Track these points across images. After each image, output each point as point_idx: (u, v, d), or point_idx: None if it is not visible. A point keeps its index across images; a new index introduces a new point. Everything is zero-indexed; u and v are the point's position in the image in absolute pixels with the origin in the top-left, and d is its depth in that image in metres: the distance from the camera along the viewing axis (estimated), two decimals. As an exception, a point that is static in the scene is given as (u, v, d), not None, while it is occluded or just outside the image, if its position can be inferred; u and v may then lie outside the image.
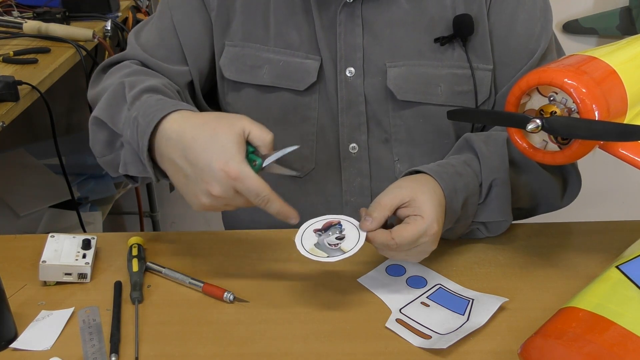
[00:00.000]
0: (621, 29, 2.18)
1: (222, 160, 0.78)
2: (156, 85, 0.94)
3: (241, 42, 1.04)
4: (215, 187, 0.79)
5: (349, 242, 0.78)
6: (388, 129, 1.04)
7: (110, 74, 1.03)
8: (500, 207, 0.94)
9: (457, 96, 1.02)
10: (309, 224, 0.84)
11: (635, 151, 0.76)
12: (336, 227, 0.81)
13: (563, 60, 0.79)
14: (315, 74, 1.01)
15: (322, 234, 0.80)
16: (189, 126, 0.82)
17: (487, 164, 0.93)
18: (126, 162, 0.91)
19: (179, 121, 0.83)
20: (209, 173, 0.78)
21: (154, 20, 1.08)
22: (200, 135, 0.80)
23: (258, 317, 0.84)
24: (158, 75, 1.01)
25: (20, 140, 1.99)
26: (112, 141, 0.93)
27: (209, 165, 0.78)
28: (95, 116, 0.93)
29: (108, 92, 0.94)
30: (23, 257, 0.95)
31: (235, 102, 1.07)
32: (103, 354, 0.78)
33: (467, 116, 0.91)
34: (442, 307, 0.84)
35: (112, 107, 0.92)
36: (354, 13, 1.00)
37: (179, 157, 0.81)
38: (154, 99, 0.89)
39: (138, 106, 0.88)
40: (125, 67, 1.02)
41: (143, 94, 0.91)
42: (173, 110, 0.85)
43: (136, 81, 0.94)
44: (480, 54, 1.01)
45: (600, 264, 0.89)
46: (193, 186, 0.81)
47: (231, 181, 0.78)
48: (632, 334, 0.66)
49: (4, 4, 1.73)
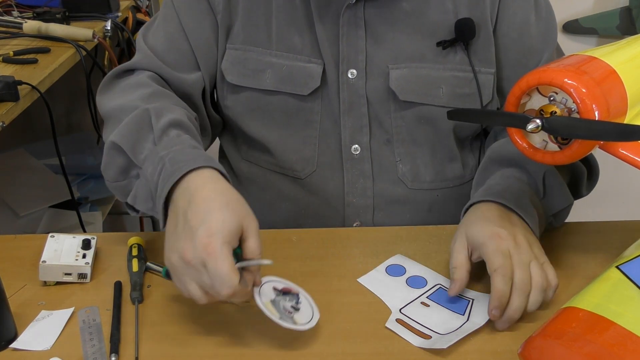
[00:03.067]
0: (621, 29, 2.18)
1: (208, 231, 0.73)
2: (181, 119, 0.90)
3: (243, 46, 1.03)
4: (189, 251, 0.74)
5: (302, 317, 0.78)
6: (390, 130, 1.04)
7: (127, 87, 1.00)
8: (561, 195, 0.94)
9: (459, 98, 1.02)
10: (269, 279, 0.81)
11: (635, 151, 0.76)
12: (293, 297, 0.80)
13: (563, 60, 0.79)
14: (318, 78, 1.01)
15: (279, 295, 0.80)
16: (209, 189, 0.78)
17: (528, 161, 0.91)
18: (137, 196, 0.88)
19: (204, 179, 0.79)
20: (192, 234, 0.74)
21: (160, 22, 1.06)
22: (212, 201, 0.76)
23: (258, 317, 0.84)
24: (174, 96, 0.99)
25: (20, 140, 1.99)
26: (128, 169, 0.89)
27: (196, 229, 0.74)
28: (114, 142, 0.88)
29: (130, 117, 0.90)
30: (23, 257, 0.95)
31: (234, 105, 1.06)
32: (103, 354, 0.78)
33: (467, 116, 0.91)
34: (442, 307, 0.84)
35: (134, 135, 0.88)
36: (357, 15, 1.00)
37: (181, 207, 0.78)
38: (186, 143, 0.85)
39: (166, 143, 0.85)
40: (144, 86, 0.98)
41: (171, 129, 0.87)
42: (203, 166, 0.81)
43: (161, 110, 0.90)
44: (482, 57, 1.02)
45: (600, 264, 0.89)
46: (174, 241, 0.76)
47: (204, 254, 0.72)
48: (632, 334, 0.66)
49: (4, 4, 1.73)
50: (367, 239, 0.99)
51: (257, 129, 1.06)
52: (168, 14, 1.05)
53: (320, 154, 1.05)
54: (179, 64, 1.03)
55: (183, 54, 1.04)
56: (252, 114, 1.05)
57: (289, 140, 1.05)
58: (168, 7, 1.06)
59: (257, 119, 1.05)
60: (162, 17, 1.06)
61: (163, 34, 1.04)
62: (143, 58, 1.03)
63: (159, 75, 1.02)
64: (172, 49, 1.03)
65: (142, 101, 0.93)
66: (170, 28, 1.04)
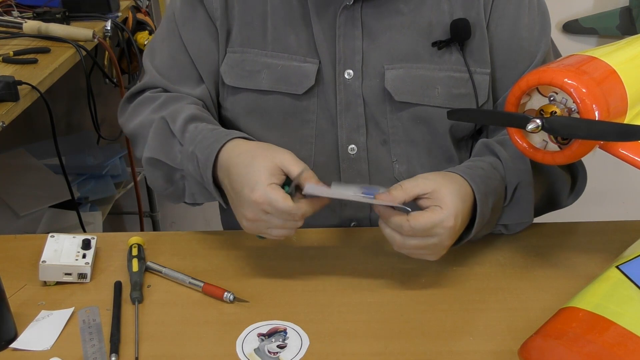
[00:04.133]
0: (621, 29, 2.18)
1: (249, 186, 0.83)
2: (194, 112, 0.98)
3: (240, 48, 1.04)
4: (247, 211, 0.84)
5: (289, 353, 0.78)
6: (386, 130, 1.04)
7: (137, 107, 1.06)
8: (523, 209, 0.94)
9: (455, 99, 1.02)
10: (254, 326, 0.83)
11: (635, 151, 0.76)
12: (280, 334, 0.81)
13: (563, 60, 0.79)
14: (313, 77, 1.02)
15: (264, 339, 0.80)
16: (235, 154, 0.88)
17: (510, 168, 0.93)
18: (193, 193, 0.97)
19: (229, 151, 0.89)
20: (242, 198, 0.84)
21: (165, 39, 1.08)
22: (240, 162, 0.86)
23: (258, 317, 0.84)
24: (184, 97, 1.04)
25: (20, 140, 1.99)
26: (171, 175, 0.98)
27: (241, 191, 0.84)
28: (149, 157, 0.97)
29: (152, 130, 0.98)
30: (23, 257, 0.95)
31: (233, 107, 1.07)
32: (103, 354, 0.78)
33: (467, 116, 0.91)
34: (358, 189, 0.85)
35: (163, 144, 0.97)
36: (354, 16, 1.00)
37: (227, 183, 0.88)
38: (205, 130, 0.94)
39: (190, 139, 0.93)
40: (153, 100, 1.04)
41: (188, 125, 0.95)
42: (226, 140, 0.90)
43: (173, 113, 0.98)
44: (478, 58, 1.02)
45: (600, 264, 0.89)
46: (236, 211, 0.88)
47: (258, 205, 0.82)
48: (632, 334, 0.66)
49: (4, 4, 1.73)
50: (367, 239, 0.99)
51: (255, 130, 1.06)
52: (171, 28, 1.07)
53: (317, 153, 1.05)
54: (183, 79, 1.06)
55: (186, 69, 1.06)
56: (250, 115, 1.06)
57: (286, 140, 1.05)
58: (170, 20, 1.08)
59: (255, 119, 1.06)
60: (165, 32, 1.08)
61: (167, 52, 1.08)
62: (149, 79, 1.08)
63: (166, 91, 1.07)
64: (175, 66, 1.07)
65: (156, 112, 1.01)
66: (173, 43, 1.07)
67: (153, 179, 1.00)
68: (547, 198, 1.00)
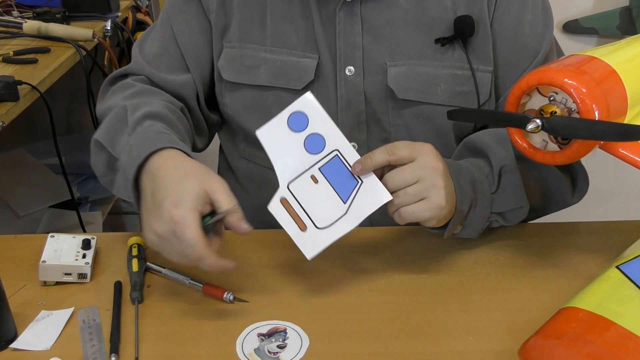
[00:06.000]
0: (621, 29, 2.18)
1: (173, 201, 0.78)
2: (158, 110, 0.94)
3: (239, 43, 1.04)
4: (159, 225, 0.79)
5: (289, 353, 0.78)
6: (387, 128, 1.04)
7: (115, 91, 1.04)
8: (514, 194, 0.93)
9: (457, 96, 1.02)
10: (254, 326, 0.83)
11: (635, 151, 0.77)
12: (280, 334, 0.81)
13: (563, 60, 0.79)
14: (312, 72, 1.01)
15: (264, 339, 0.80)
16: (169, 165, 0.83)
17: (493, 154, 0.93)
18: (119, 187, 0.92)
19: (164, 158, 0.84)
20: (159, 210, 0.79)
21: (158, 29, 1.09)
22: (171, 175, 0.81)
23: (258, 317, 0.84)
24: (161, 93, 1.03)
25: (20, 140, 1.99)
26: (112, 163, 0.93)
27: (162, 202, 0.79)
28: (95, 138, 0.95)
29: (110, 114, 0.96)
30: (23, 257, 0.95)
31: (232, 102, 1.07)
32: (103, 354, 0.78)
33: (467, 116, 0.91)
34: (329, 184, 0.84)
35: (112, 130, 0.93)
36: (353, 11, 1.00)
37: (149, 189, 0.83)
38: (155, 129, 0.90)
39: (138, 134, 0.89)
40: (130, 87, 1.03)
41: (145, 120, 0.92)
42: (165, 147, 0.85)
43: (139, 104, 0.95)
44: (481, 55, 1.02)
45: (600, 264, 0.89)
46: (147, 219, 0.82)
47: (174, 224, 0.77)
48: (632, 334, 0.66)
49: (4, 4, 1.73)
50: (366, 238, 0.99)
51: (254, 126, 1.06)
52: (164, 18, 1.09)
53: None
54: (169, 67, 1.06)
55: (173, 58, 1.06)
56: (249, 110, 1.06)
57: None
58: (164, 11, 1.09)
59: (254, 115, 1.06)
60: (159, 23, 1.10)
61: (157, 41, 1.08)
62: (134, 64, 1.08)
63: (149, 80, 1.06)
64: (164, 54, 1.07)
65: (125, 99, 0.98)
66: (163, 34, 1.08)
67: (96, 162, 0.96)
68: (547, 195, 0.99)
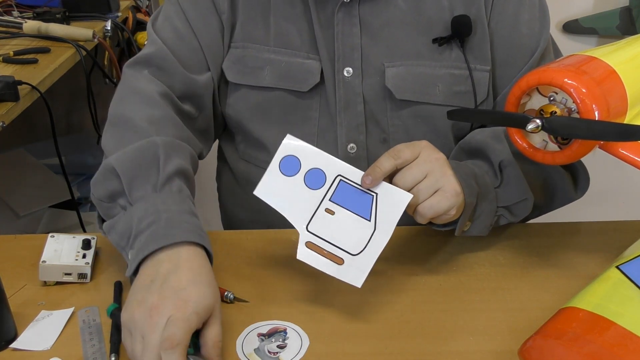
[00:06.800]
0: (621, 29, 2.18)
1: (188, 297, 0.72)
2: (187, 168, 0.87)
3: (242, 44, 1.04)
4: (159, 307, 0.72)
5: (289, 353, 0.78)
6: (386, 129, 1.04)
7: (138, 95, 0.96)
8: (517, 186, 0.93)
9: (455, 96, 1.02)
10: (254, 326, 0.82)
11: (635, 151, 0.77)
12: (280, 334, 0.81)
13: (563, 60, 0.80)
14: (318, 74, 1.01)
15: (264, 339, 0.80)
16: (197, 264, 0.77)
17: (491, 150, 0.93)
18: (115, 227, 0.83)
19: (194, 254, 0.78)
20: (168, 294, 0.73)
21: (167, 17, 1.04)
22: (198, 275, 0.76)
23: (258, 317, 0.84)
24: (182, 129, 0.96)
25: (20, 140, 1.99)
26: (118, 196, 0.85)
27: (176, 291, 0.73)
28: (114, 167, 0.84)
29: (137, 147, 0.86)
30: (23, 257, 0.95)
31: (235, 103, 1.06)
32: (103, 354, 0.78)
33: (467, 116, 0.91)
34: (346, 210, 0.83)
35: (136, 169, 0.84)
36: (351, 13, 1.00)
37: (166, 268, 0.76)
38: (184, 205, 0.83)
39: (166, 198, 0.82)
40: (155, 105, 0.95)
41: (175, 179, 0.84)
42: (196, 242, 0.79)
43: (171, 148, 0.87)
44: (478, 55, 1.02)
45: (600, 264, 0.89)
46: (144, 293, 0.74)
47: (166, 342, 0.68)
48: (632, 334, 0.66)
49: (4, 4, 1.73)
50: (367, 239, 0.99)
51: (256, 127, 1.06)
52: (173, 10, 1.04)
53: None
54: (191, 62, 1.02)
55: (194, 52, 1.03)
56: (251, 111, 1.05)
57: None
58: (172, 3, 1.04)
59: (256, 116, 1.05)
60: (166, 13, 1.05)
61: (171, 29, 1.03)
62: (156, 51, 1.01)
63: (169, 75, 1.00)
64: (182, 45, 1.02)
65: (151, 125, 0.91)
66: (178, 24, 1.03)
67: (100, 184, 0.86)
68: (550, 191, 0.99)
